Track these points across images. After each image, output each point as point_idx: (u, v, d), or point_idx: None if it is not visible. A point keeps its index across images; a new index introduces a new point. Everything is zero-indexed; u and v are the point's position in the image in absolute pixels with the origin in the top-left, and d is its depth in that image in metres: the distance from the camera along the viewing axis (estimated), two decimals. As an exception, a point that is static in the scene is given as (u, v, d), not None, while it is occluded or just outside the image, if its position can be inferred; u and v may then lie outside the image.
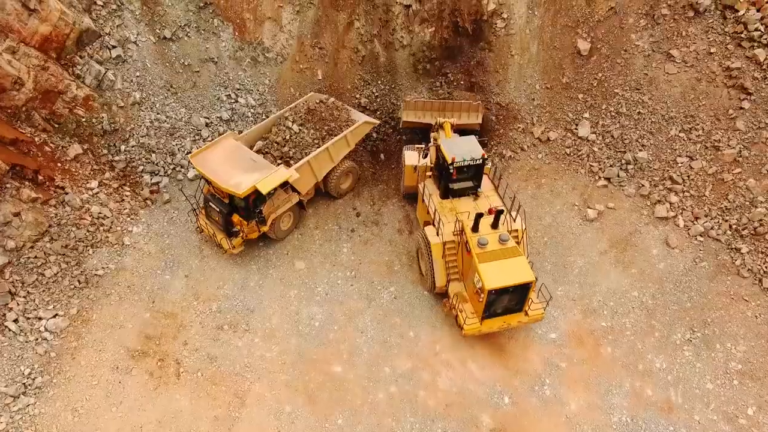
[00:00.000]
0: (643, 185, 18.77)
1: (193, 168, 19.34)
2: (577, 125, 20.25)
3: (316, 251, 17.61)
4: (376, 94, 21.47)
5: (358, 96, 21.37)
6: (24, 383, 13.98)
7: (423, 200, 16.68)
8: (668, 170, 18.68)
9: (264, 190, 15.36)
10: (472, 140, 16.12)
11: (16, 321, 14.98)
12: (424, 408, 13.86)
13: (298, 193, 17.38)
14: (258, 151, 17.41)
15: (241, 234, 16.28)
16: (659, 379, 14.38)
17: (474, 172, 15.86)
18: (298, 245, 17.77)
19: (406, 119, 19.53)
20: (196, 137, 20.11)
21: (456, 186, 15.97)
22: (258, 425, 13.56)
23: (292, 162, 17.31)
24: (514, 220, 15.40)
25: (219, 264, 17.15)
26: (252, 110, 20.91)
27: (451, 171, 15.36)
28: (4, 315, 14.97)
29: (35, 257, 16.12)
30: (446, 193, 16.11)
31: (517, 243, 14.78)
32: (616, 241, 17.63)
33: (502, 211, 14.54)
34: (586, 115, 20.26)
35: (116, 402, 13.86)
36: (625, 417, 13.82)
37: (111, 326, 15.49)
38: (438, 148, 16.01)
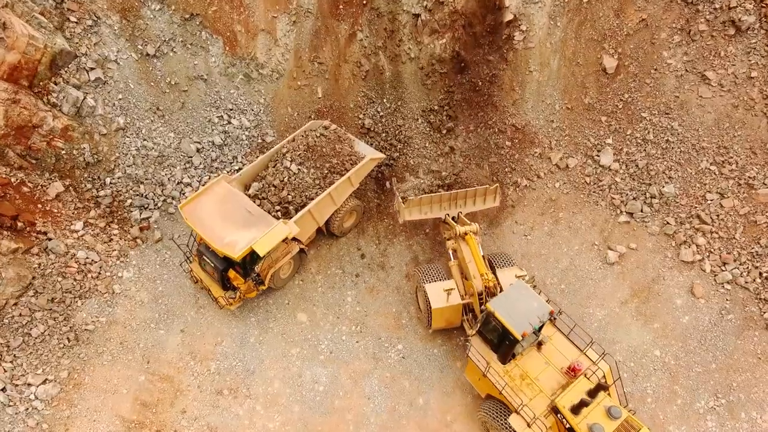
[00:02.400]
0: (668, 223, 17.51)
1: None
2: (599, 151, 18.72)
3: (318, 301, 16.58)
4: (381, 113, 19.77)
5: (361, 116, 19.69)
6: (15, 462, 13.36)
7: (484, 375, 13.10)
8: (696, 207, 17.36)
9: (262, 252, 14.15)
10: (527, 292, 12.58)
11: (3, 390, 14.17)
12: (434, 488, 13.33)
13: (299, 241, 16.15)
14: (254, 197, 16.02)
15: (239, 294, 15.20)
16: (681, 455, 13.78)
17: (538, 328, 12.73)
18: (299, 293, 16.73)
19: (408, 218, 15.93)
20: (187, 165, 18.63)
21: (521, 349, 12.97)
22: (262, 508, 13.06)
23: (291, 207, 15.99)
24: (596, 365, 12.35)
25: (216, 316, 16.17)
26: (246, 132, 19.30)
27: (521, 343, 12.34)
28: (-9, 384, 14.19)
29: (20, 315, 15.12)
30: (508, 357, 12.93)
31: (606, 390, 11.64)
32: (638, 289, 16.59)
33: (605, 388, 11.43)
34: (609, 140, 18.68)
35: (113, 482, 13.30)
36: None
37: (105, 391, 14.70)
38: (491, 316, 12.49)
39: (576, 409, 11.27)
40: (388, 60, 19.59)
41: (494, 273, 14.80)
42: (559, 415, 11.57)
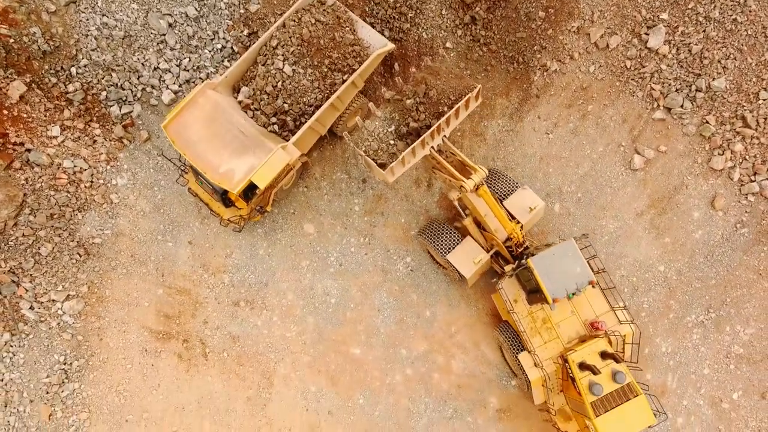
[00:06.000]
0: (707, 122, 15.80)
1: (171, 95, 16.01)
2: (648, 29, 15.72)
3: (324, 210, 16.09)
4: (389, -29, 15.91)
5: (364, -23, 15.89)
6: (64, 369, 14.86)
7: (509, 312, 13.72)
8: (744, 107, 15.44)
9: (262, 185, 13.14)
10: (574, 255, 12.02)
11: (31, 308, 14.91)
12: (437, 389, 15.11)
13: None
14: (245, 107, 14.06)
15: (241, 221, 14.62)
16: (661, 363, 15.18)
17: None
18: (304, 201, 16.13)
19: (393, 179, 12.72)
20: (161, 46, 15.95)
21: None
22: (288, 404, 15.05)
23: (288, 119, 14.21)
24: (621, 322, 12.73)
25: (222, 227, 15.92)
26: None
27: (550, 306, 12.17)
28: (17, 304, 14.82)
29: (23, 236, 14.96)
30: (535, 300, 13.12)
31: (621, 354, 12.61)
32: (657, 199, 15.91)
33: (617, 360, 11.77)
34: (664, 15, 15.51)
35: (154, 385, 15.02)
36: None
37: (127, 304, 15.47)
38: (529, 273, 12.37)
39: (583, 367, 11.95)
40: None
41: (502, 205, 13.91)
42: (566, 364, 12.38)
